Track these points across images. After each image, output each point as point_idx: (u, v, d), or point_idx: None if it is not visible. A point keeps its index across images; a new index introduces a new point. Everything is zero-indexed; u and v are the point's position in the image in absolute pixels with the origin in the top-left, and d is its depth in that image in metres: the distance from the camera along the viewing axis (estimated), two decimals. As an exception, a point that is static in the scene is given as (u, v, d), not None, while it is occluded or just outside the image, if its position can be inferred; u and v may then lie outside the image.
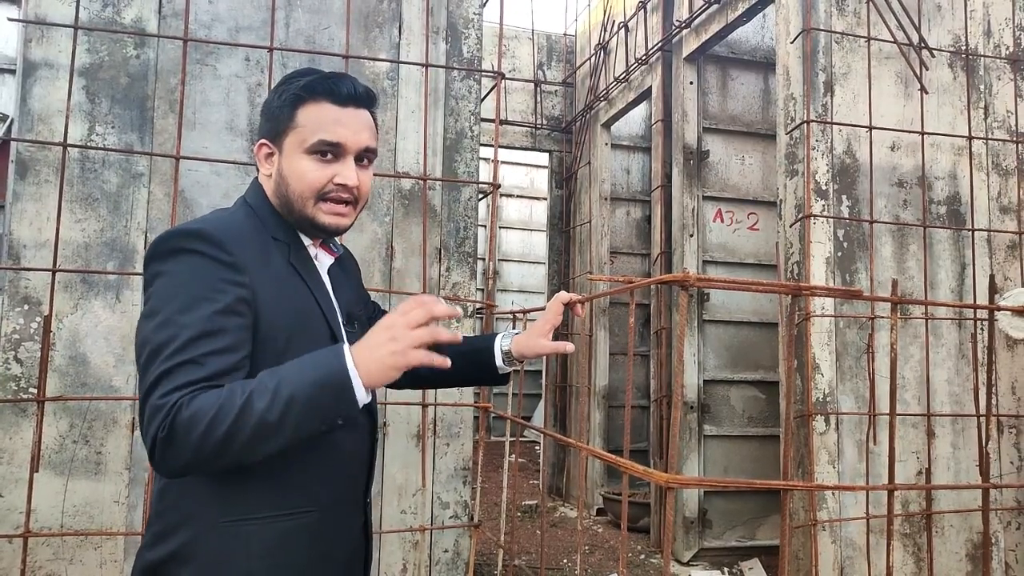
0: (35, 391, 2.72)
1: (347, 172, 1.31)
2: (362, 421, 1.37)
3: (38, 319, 2.81)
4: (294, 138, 1.31)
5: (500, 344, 1.62)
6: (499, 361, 1.62)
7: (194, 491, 1.23)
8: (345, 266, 1.52)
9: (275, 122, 1.33)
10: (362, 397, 1.11)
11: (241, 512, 1.22)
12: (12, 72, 5.47)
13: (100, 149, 2.89)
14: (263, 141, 1.36)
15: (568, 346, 1.61)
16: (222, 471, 1.15)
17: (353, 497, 1.37)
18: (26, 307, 2.82)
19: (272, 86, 2.89)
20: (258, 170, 1.40)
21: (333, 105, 1.31)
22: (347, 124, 1.31)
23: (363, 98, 1.35)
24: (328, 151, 1.30)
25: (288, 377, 1.10)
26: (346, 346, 1.13)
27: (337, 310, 1.39)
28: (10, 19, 2.80)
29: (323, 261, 1.42)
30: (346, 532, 1.35)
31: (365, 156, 1.35)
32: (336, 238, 1.48)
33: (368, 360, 1.11)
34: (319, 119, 1.30)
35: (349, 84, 1.34)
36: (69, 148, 2.75)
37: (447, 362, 1.14)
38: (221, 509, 1.22)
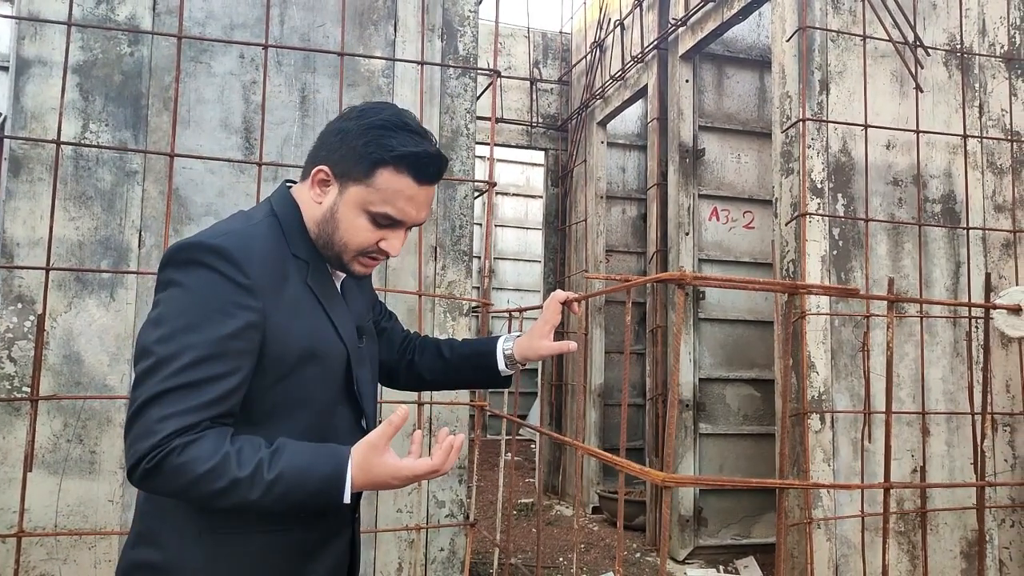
0: (28, 390, 2.71)
1: (395, 243, 1.33)
2: (356, 440, 1.36)
3: (32, 318, 2.79)
4: (363, 193, 1.28)
5: (502, 347, 1.62)
6: (502, 365, 1.62)
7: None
8: (359, 281, 1.52)
9: (348, 164, 1.28)
10: (347, 500, 1.18)
11: (227, 524, 1.22)
12: (4, 69, 5.44)
13: (94, 147, 2.88)
14: (324, 168, 1.31)
15: (572, 345, 1.61)
16: None
17: (338, 515, 1.35)
18: (20, 306, 2.80)
19: (267, 84, 2.90)
20: (309, 181, 1.34)
21: (412, 182, 1.28)
22: (417, 203, 1.31)
23: (440, 177, 1.34)
24: (388, 223, 1.31)
25: (287, 477, 1.13)
26: (350, 470, 1.16)
27: (352, 327, 1.40)
28: (3, 16, 2.78)
29: (339, 275, 1.42)
30: (331, 547, 1.34)
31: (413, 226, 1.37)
32: None
33: (366, 484, 1.18)
34: (394, 192, 1.28)
35: (435, 167, 1.31)
36: (63, 146, 2.74)
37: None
38: (207, 520, 1.21)
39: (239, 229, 1.27)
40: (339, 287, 1.41)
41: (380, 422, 3.25)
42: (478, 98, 3.47)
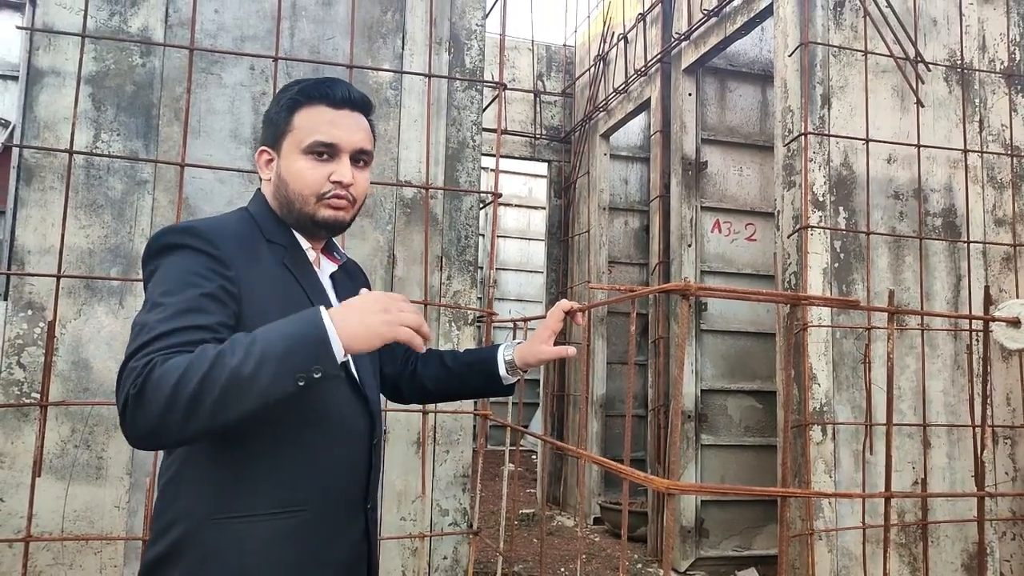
0: (38, 396, 2.74)
1: (343, 170, 1.35)
2: (359, 428, 1.38)
3: (41, 324, 2.82)
4: (291, 140, 1.35)
5: (503, 354, 1.63)
6: (503, 371, 1.63)
7: (189, 487, 1.25)
8: (352, 275, 1.54)
9: (274, 127, 1.38)
10: (339, 353, 1.11)
11: (233, 509, 1.23)
12: (14, 78, 5.49)
13: (105, 156, 2.92)
14: (263, 148, 1.41)
15: (570, 350, 1.62)
16: (192, 438, 1.12)
17: (351, 501, 1.36)
18: (30, 312, 2.84)
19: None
20: (262, 172, 1.43)
21: (328, 108, 1.36)
22: (341, 125, 1.36)
23: (358, 102, 1.40)
24: (323, 151, 1.34)
25: (262, 334, 1.10)
26: (323, 307, 1.13)
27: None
28: (18, 27, 2.82)
29: (324, 268, 1.45)
30: (343, 536, 1.34)
31: (360, 157, 1.39)
32: (340, 248, 1.51)
33: (353, 321, 1.12)
34: (315, 121, 1.35)
35: (343, 88, 1.38)
36: (75, 155, 2.77)
37: (422, 347, 1.18)
38: (214, 505, 1.23)
39: (210, 217, 1.37)
40: (329, 279, 1.45)
41: (386, 430, 3.24)
42: (484, 110, 3.51)
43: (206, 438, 1.17)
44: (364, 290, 1.22)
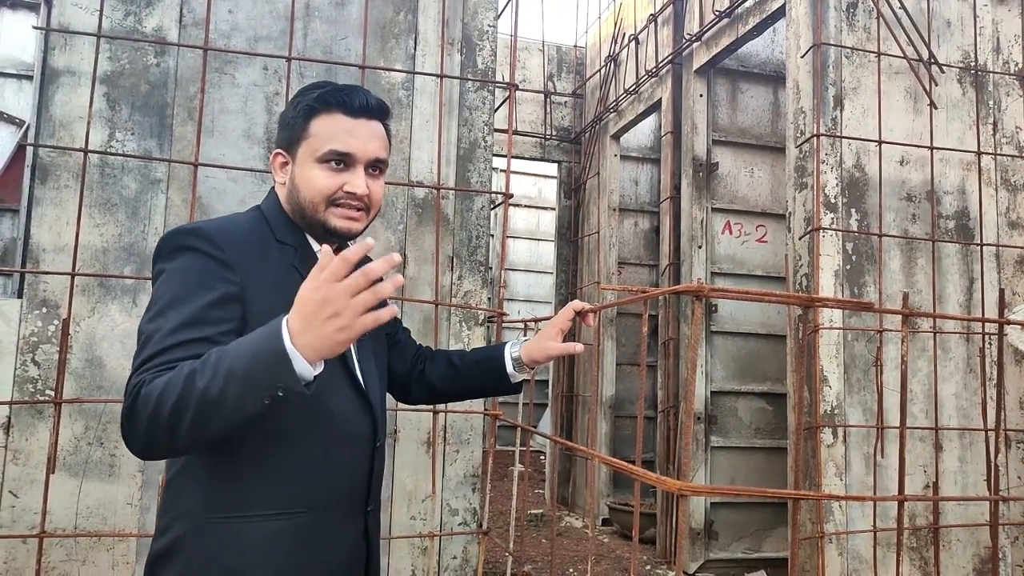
0: (52, 393, 2.76)
1: (356, 181, 1.35)
2: (362, 430, 1.38)
3: (56, 322, 2.85)
4: (307, 147, 1.35)
5: (510, 351, 1.64)
6: (510, 368, 1.64)
7: (190, 487, 1.26)
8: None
9: (289, 132, 1.38)
10: (305, 369, 1.05)
11: (232, 509, 1.24)
12: (29, 78, 5.54)
13: (120, 155, 2.94)
14: (278, 151, 1.41)
15: (577, 346, 1.63)
16: (185, 451, 1.17)
17: (351, 504, 1.37)
18: (44, 310, 2.86)
19: (289, 95, 2.95)
20: (276, 174, 1.44)
21: (345, 116, 1.35)
22: (358, 135, 1.35)
23: (375, 110, 1.39)
24: (338, 160, 1.34)
25: (229, 351, 1.08)
26: (285, 318, 1.05)
27: None
28: (34, 27, 2.85)
29: None
30: (341, 537, 1.35)
31: (376, 166, 1.38)
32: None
33: (310, 336, 1.03)
34: (331, 129, 1.34)
35: (361, 96, 1.37)
36: (89, 154, 2.80)
37: (394, 311, 1.11)
38: (211, 505, 1.25)
39: (221, 217, 1.37)
40: None
41: (396, 430, 3.23)
42: (495, 111, 3.52)
43: (204, 446, 1.17)
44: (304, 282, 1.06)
